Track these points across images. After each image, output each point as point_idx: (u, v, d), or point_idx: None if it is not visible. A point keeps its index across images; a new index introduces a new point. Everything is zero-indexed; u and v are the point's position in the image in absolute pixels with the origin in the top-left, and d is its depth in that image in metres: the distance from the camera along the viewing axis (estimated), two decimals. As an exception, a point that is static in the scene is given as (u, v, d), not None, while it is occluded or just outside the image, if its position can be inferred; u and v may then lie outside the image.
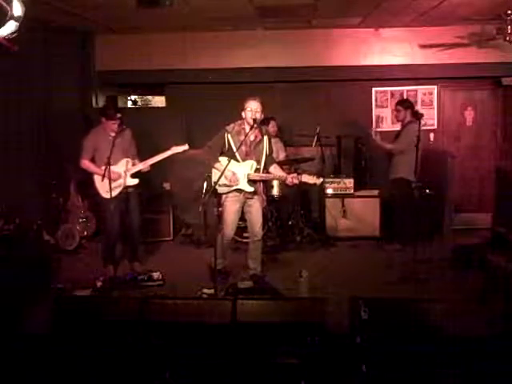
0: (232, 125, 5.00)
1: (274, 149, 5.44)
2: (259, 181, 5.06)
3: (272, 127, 6.66)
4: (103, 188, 5.40)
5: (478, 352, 2.92)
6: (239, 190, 5.00)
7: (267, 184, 6.03)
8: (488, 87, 7.74)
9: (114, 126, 5.42)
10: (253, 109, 4.85)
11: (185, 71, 7.49)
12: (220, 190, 4.97)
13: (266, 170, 5.07)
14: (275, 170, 5.10)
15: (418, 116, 5.95)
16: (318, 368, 2.92)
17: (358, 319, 3.17)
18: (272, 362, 2.94)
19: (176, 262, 6.11)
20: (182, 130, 7.67)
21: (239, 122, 4.98)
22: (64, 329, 3.31)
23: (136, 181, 5.56)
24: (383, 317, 3.21)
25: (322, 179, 4.93)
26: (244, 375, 2.91)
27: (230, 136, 4.94)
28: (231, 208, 5.03)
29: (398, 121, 6.53)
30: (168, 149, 5.44)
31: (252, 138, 4.98)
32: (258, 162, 5.00)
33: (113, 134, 5.44)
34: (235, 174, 4.92)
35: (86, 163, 5.48)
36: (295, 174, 4.93)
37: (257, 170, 5.00)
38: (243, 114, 4.92)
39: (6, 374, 2.91)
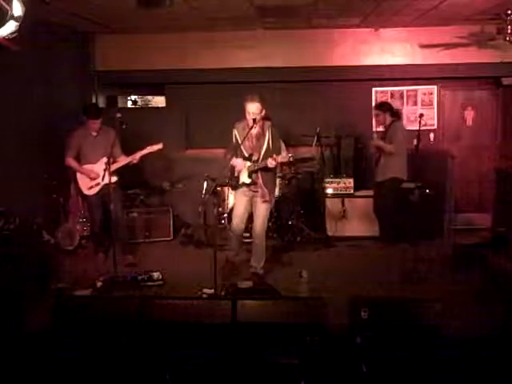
0: (239, 121, 5.19)
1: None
2: (256, 171, 5.12)
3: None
4: (84, 185, 5.81)
5: (478, 352, 2.92)
6: (244, 184, 5.18)
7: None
8: (488, 87, 7.74)
9: (94, 125, 5.74)
10: (250, 111, 4.95)
11: (185, 71, 7.49)
12: (233, 182, 5.27)
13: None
14: (270, 159, 4.96)
15: (398, 115, 6.40)
16: (318, 368, 2.92)
17: (358, 319, 3.17)
18: (272, 362, 2.94)
19: (176, 261, 6.10)
20: (181, 129, 7.68)
21: (246, 119, 5.09)
22: (64, 329, 3.30)
23: (115, 179, 5.64)
24: (383, 317, 3.21)
25: (290, 155, 5.17)
26: (244, 375, 2.91)
27: (236, 131, 5.17)
28: (239, 200, 5.29)
29: (378, 125, 6.63)
30: (143, 148, 5.70)
31: (254, 132, 5.09)
32: (258, 156, 5.14)
33: (94, 134, 5.74)
34: (242, 160, 5.15)
35: (69, 161, 5.80)
36: (274, 156, 4.96)
37: (255, 162, 5.12)
38: (246, 113, 5.01)
39: (6, 373, 2.91)
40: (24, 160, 5.86)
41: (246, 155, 5.16)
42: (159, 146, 5.68)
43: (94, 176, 5.73)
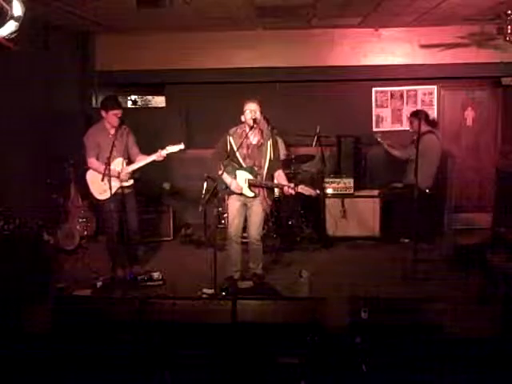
0: (234, 128, 5.03)
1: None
2: (259, 187, 5.05)
3: (265, 128, 6.65)
4: (96, 190, 5.34)
5: (478, 352, 2.92)
6: (243, 194, 5.04)
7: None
8: (488, 87, 7.75)
9: (114, 117, 5.24)
10: (252, 109, 4.86)
11: (185, 71, 7.49)
12: (223, 191, 5.01)
13: (270, 174, 5.03)
14: (278, 177, 5.01)
15: (434, 124, 6.46)
16: (318, 368, 2.92)
17: (358, 319, 3.17)
18: (272, 362, 2.94)
19: (176, 262, 6.11)
20: (181, 130, 7.68)
21: (241, 125, 5.00)
22: (64, 329, 3.31)
23: (131, 181, 5.47)
24: (383, 317, 3.21)
25: (317, 191, 4.93)
26: (244, 375, 2.91)
27: (231, 138, 4.98)
28: (233, 206, 5.09)
29: (413, 131, 6.58)
30: (163, 148, 5.28)
31: (254, 141, 4.99)
32: (260, 167, 4.99)
33: (112, 132, 5.34)
34: (237, 182, 4.95)
35: (93, 162, 5.30)
36: (292, 185, 4.85)
37: (257, 175, 4.99)
38: (243, 117, 4.94)
39: (6, 373, 2.91)
40: (24, 160, 5.86)
41: (244, 165, 4.98)
42: (180, 147, 5.23)
43: (115, 176, 5.08)
